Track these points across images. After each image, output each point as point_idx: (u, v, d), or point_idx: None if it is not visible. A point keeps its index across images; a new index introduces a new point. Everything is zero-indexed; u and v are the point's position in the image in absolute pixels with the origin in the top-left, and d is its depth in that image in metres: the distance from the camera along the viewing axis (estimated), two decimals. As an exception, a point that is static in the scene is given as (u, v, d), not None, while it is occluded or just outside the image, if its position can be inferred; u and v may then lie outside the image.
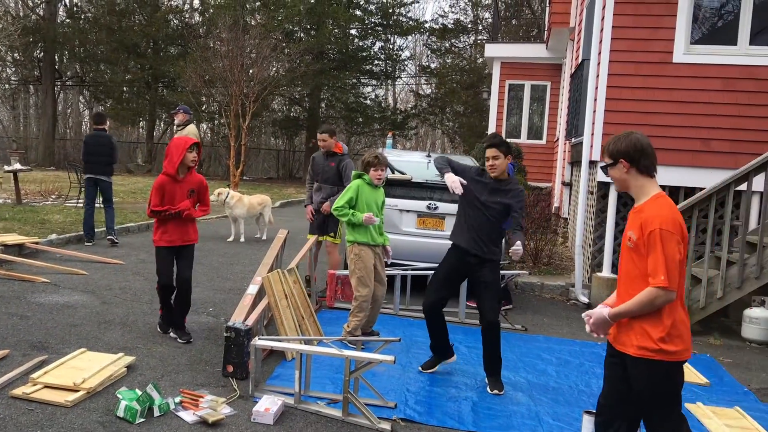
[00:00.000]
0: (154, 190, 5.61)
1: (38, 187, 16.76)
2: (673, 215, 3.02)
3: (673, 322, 3.02)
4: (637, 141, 3.17)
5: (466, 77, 31.07)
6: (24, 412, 4.11)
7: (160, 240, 5.68)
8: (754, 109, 8.01)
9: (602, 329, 3.17)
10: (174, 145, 5.62)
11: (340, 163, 7.61)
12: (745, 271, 7.08)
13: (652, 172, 3.18)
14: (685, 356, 3.05)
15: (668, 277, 2.94)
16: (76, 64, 34.24)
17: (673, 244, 2.96)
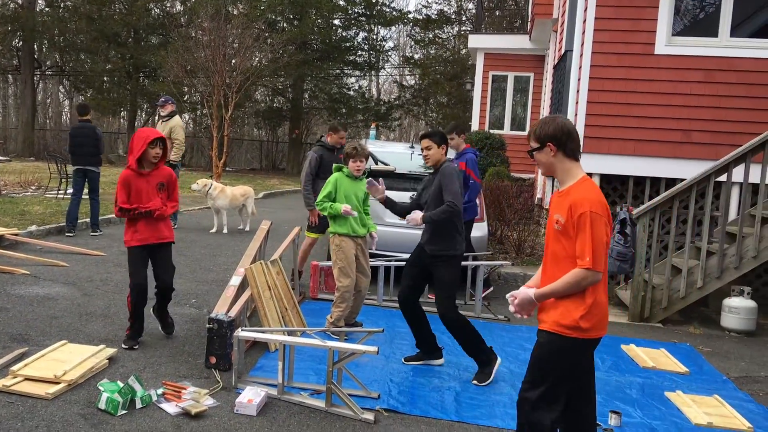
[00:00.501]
0: (119, 186, 5.18)
1: (17, 177, 16.56)
2: (600, 198, 3.07)
3: (594, 301, 3.05)
4: (563, 125, 3.18)
5: (450, 68, 31.07)
6: (4, 405, 4.08)
7: (131, 240, 5.26)
8: (734, 100, 8.08)
9: (527, 310, 3.21)
10: (137, 137, 5.22)
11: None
12: (725, 262, 7.16)
13: (577, 156, 3.20)
14: (594, 335, 3.09)
15: (595, 258, 2.99)
16: (56, 54, 33.81)
17: (601, 227, 3.01)
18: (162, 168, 5.37)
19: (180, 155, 11.11)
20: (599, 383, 5.26)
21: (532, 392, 3.14)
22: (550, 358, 3.12)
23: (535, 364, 3.17)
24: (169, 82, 23.32)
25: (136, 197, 5.20)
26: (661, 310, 7.35)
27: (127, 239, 5.28)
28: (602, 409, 4.71)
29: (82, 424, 3.90)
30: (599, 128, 8.39)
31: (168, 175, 5.40)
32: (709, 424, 4.53)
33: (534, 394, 3.13)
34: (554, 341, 3.10)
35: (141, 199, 5.20)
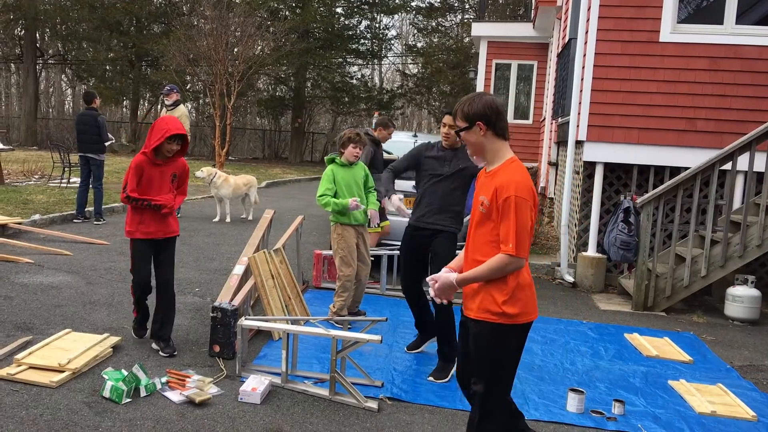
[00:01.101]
0: (131, 171, 4.79)
1: (21, 167, 16.57)
2: (527, 181, 2.97)
3: (517, 284, 2.98)
4: (492, 102, 3.05)
5: (453, 57, 30.94)
6: (9, 393, 4.09)
7: (136, 231, 4.86)
8: (739, 88, 8.03)
9: (447, 294, 3.13)
10: (158, 127, 4.83)
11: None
12: (729, 250, 7.15)
13: (506, 135, 3.09)
14: (523, 319, 3.01)
15: (518, 244, 2.90)
16: (58, 42, 33.76)
17: (526, 212, 2.92)
18: (178, 159, 5.02)
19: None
20: (602, 372, 5.27)
21: (480, 384, 3.08)
22: (487, 347, 3.04)
23: (476, 357, 3.09)
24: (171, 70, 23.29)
25: (147, 186, 4.84)
26: (665, 299, 7.34)
27: (131, 230, 4.89)
28: (606, 397, 4.72)
29: (87, 412, 3.91)
30: (603, 117, 8.34)
31: (182, 166, 5.06)
32: (712, 413, 4.53)
33: (481, 386, 3.07)
34: (484, 329, 3.03)
35: (152, 188, 4.83)
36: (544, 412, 4.41)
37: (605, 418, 4.36)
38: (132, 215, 4.90)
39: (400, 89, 33.81)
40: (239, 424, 3.92)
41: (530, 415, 4.35)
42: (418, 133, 9.65)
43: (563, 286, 8.27)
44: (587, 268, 8.28)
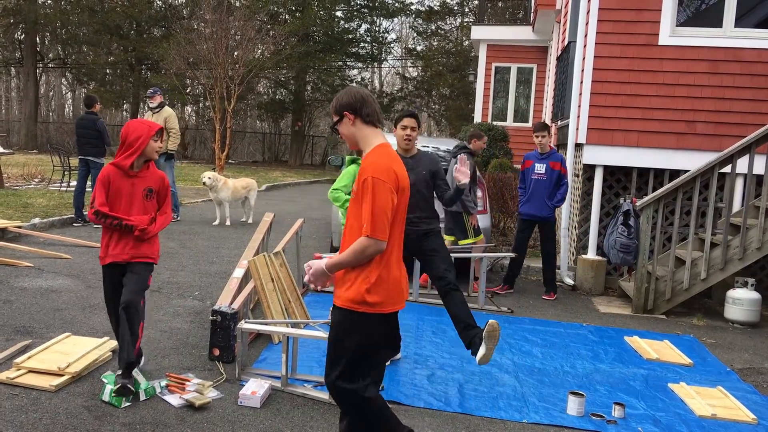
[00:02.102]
0: (98, 184, 4.24)
1: (21, 170, 16.57)
2: (388, 164, 2.96)
3: (380, 274, 2.99)
4: (357, 92, 3.14)
5: (453, 60, 31.00)
6: (8, 397, 4.09)
7: (106, 256, 4.29)
8: (738, 91, 8.04)
9: (320, 281, 3.13)
10: (135, 129, 4.26)
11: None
12: (729, 253, 7.15)
13: (375, 122, 3.12)
14: (385, 309, 3.02)
15: (374, 226, 2.89)
16: (58, 46, 33.80)
17: (384, 194, 2.90)
18: (153, 170, 4.43)
19: (176, 145, 11.24)
20: (603, 375, 5.26)
21: (333, 373, 3.07)
22: (343, 335, 3.04)
23: (330, 344, 3.10)
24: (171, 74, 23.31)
25: (115, 200, 4.26)
26: (665, 302, 7.33)
27: (102, 255, 4.33)
28: (606, 400, 4.71)
29: (86, 416, 3.91)
30: (603, 119, 8.35)
31: (160, 179, 4.46)
32: (713, 416, 4.52)
33: (334, 374, 3.07)
34: (345, 318, 3.02)
35: (120, 203, 4.25)
36: (545, 415, 4.41)
37: (605, 421, 4.36)
38: (102, 238, 4.33)
39: (400, 92, 33.83)
40: (239, 427, 3.92)
41: (530, 418, 4.35)
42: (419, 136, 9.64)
43: (563, 289, 8.26)
44: (587, 270, 8.28)
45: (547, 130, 7.68)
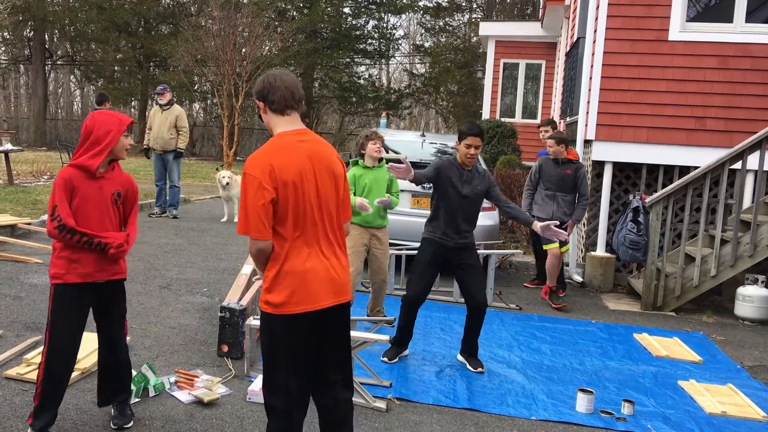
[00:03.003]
0: (57, 190, 3.43)
1: (30, 167, 16.64)
2: (266, 157, 2.82)
3: (276, 273, 2.85)
4: (267, 77, 2.99)
5: (461, 56, 30.90)
6: (18, 393, 4.11)
7: (67, 273, 3.45)
8: (748, 87, 7.98)
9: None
10: (101, 122, 3.50)
11: (577, 171, 7.22)
12: (739, 250, 7.10)
13: (282, 110, 2.95)
14: (289, 309, 2.84)
15: (242, 222, 2.81)
16: (67, 43, 33.90)
17: (253, 189, 2.78)
18: (119, 170, 3.67)
19: (186, 143, 11.23)
20: (612, 372, 5.25)
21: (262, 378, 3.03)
22: (262, 338, 2.99)
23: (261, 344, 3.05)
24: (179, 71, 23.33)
25: (81, 209, 3.46)
26: (674, 299, 7.30)
27: (59, 272, 3.46)
28: (615, 398, 4.70)
29: (96, 411, 3.92)
30: (612, 116, 8.31)
31: (127, 183, 3.68)
32: (723, 413, 4.50)
33: (263, 379, 3.03)
34: (262, 320, 2.95)
35: (88, 212, 3.46)
36: (553, 412, 4.39)
37: (614, 418, 4.34)
38: (60, 251, 3.47)
39: (408, 89, 33.74)
40: (247, 423, 3.92)
41: (539, 415, 4.34)
42: (426, 132, 9.64)
43: (572, 286, 8.23)
44: (596, 267, 8.25)
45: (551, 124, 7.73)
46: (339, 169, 3.00)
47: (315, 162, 2.90)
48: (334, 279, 2.94)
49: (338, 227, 3.02)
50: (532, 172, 7.45)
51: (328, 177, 2.93)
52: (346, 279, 3.02)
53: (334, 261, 2.96)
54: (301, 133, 2.96)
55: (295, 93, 2.96)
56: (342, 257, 3.02)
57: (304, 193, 2.84)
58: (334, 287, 2.94)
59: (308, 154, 2.89)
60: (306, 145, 2.92)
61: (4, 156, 13.62)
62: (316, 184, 2.88)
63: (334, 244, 2.98)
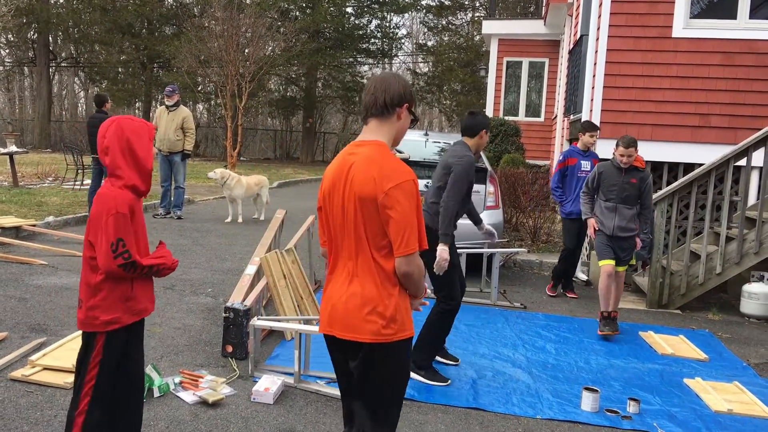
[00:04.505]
0: (123, 221, 2.89)
1: (35, 169, 16.68)
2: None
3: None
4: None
5: (464, 55, 30.88)
6: (23, 394, 4.11)
7: (123, 315, 2.97)
8: (753, 83, 7.95)
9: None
10: (138, 133, 3.04)
11: (643, 181, 6.15)
12: (744, 247, 7.07)
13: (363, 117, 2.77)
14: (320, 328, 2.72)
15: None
16: (71, 45, 33.99)
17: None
18: None
19: (192, 144, 11.24)
20: (617, 370, 5.23)
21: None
22: None
23: None
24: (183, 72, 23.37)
25: (139, 237, 3.04)
26: (680, 297, 7.27)
27: (116, 316, 2.94)
28: (621, 396, 4.68)
29: (101, 413, 3.92)
30: (616, 113, 8.29)
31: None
32: (729, 411, 4.48)
33: None
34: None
35: (138, 236, 3.02)
36: (559, 411, 4.38)
37: (620, 416, 4.33)
38: (110, 291, 2.93)
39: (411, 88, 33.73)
40: (252, 424, 3.92)
41: (544, 414, 4.32)
42: (429, 131, 9.62)
43: (577, 285, 8.21)
44: (601, 265, 8.22)
45: (598, 129, 7.37)
46: (368, 193, 2.52)
47: (349, 177, 2.60)
48: (336, 308, 2.62)
49: (361, 254, 2.59)
50: (589, 179, 6.44)
51: (353, 200, 2.57)
52: (345, 311, 2.59)
53: (342, 290, 2.62)
54: (358, 144, 2.68)
55: (378, 99, 2.68)
56: (352, 287, 2.60)
57: (332, 207, 2.67)
58: (331, 318, 2.64)
59: (348, 166, 2.61)
60: (352, 157, 2.63)
61: (8, 158, 13.65)
62: (342, 201, 2.61)
63: (351, 271, 2.61)
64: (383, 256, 2.57)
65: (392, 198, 2.49)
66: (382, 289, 2.55)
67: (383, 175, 2.51)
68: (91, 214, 2.94)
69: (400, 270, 2.54)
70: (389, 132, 2.71)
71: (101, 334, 2.94)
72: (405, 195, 2.51)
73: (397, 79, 2.74)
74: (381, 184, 2.51)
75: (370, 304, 2.55)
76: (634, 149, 6.00)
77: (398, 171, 2.53)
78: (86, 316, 2.92)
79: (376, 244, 2.56)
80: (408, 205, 2.51)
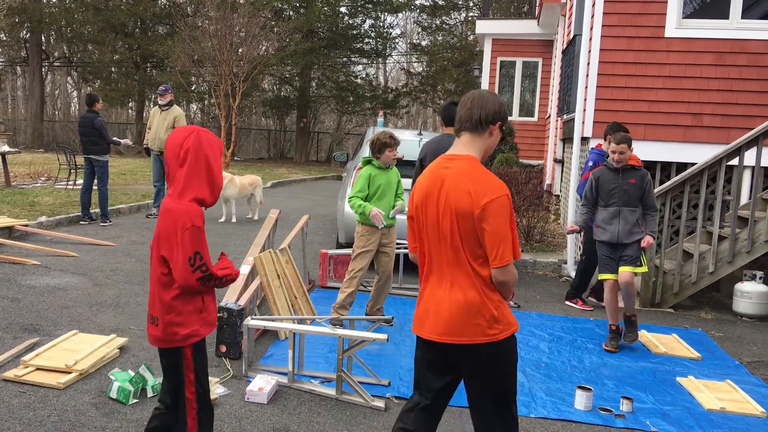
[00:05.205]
0: (199, 234, 2.90)
1: (27, 169, 16.62)
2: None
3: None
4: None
5: (458, 55, 30.92)
6: (16, 395, 4.10)
7: (201, 327, 2.99)
8: (745, 83, 7.99)
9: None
10: (210, 143, 2.95)
11: (643, 180, 5.81)
12: (737, 246, 7.11)
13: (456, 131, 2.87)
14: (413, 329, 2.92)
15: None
16: (63, 45, 33.84)
17: None
18: None
19: None
20: (610, 369, 5.25)
21: None
22: None
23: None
24: (176, 72, 23.32)
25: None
26: (673, 296, 7.30)
27: (194, 329, 2.95)
28: (614, 395, 4.70)
29: (94, 413, 3.92)
30: (609, 113, 8.31)
31: None
32: (721, 410, 4.50)
33: None
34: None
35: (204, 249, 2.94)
36: (552, 409, 4.39)
37: (613, 415, 4.34)
38: (184, 304, 2.92)
39: (405, 88, 33.74)
40: (246, 423, 3.92)
41: (538, 412, 4.33)
42: (423, 131, 9.63)
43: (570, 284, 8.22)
44: (594, 265, 8.24)
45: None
46: (464, 208, 2.66)
47: (443, 191, 2.73)
48: (439, 315, 2.76)
49: (459, 263, 2.73)
50: (587, 190, 6.01)
51: (449, 213, 2.70)
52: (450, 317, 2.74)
53: (444, 296, 2.77)
54: (451, 158, 2.80)
55: (474, 114, 2.78)
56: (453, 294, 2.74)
57: (426, 218, 2.81)
58: (434, 323, 2.78)
59: (441, 180, 2.75)
60: (445, 171, 2.76)
61: (1, 158, 13.59)
62: (437, 214, 2.75)
63: (450, 279, 2.76)
64: (480, 264, 2.72)
65: (487, 213, 2.63)
66: (483, 294, 2.71)
67: (478, 191, 2.65)
68: (161, 230, 2.90)
69: (497, 280, 2.70)
70: (481, 147, 2.83)
71: (188, 347, 2.96)
72: (500, 210, 2.64)
73: (493, 97, 2.85)
74: (476, 200, 2.64)
75: (474, 308, 2.71)
76: (626, 145, 5.71)
77: (493, 186, 2.67)
78: (165, 332, 2.92)
79: (473, 254, 2.71)
80: (502, 220, 2.65)
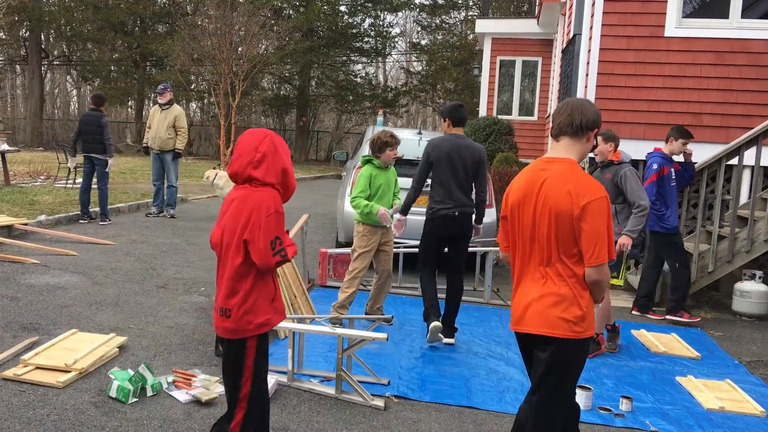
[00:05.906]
0: (280, 219, 2.98)
1: (27, 167, 16.61)
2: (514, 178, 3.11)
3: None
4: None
5: (457, 54, 30.91)
6: (16, 394, 4.10)
7: (274, 315, 3.06)
8: (745, 82, 7.99)
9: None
10: (282, 148, 3.04)
11: (616, 174, 5.71)
12: (736, 245, 7.11)
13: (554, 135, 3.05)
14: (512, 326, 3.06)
15: None
16: (63, 43, 33.84)
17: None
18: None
19: (184, 144, 11.18)
20: (610, 368, 5.25)
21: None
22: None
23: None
24: (176, 70, 23.29)
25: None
26: (672, 295, 7.29)
27: (267, 318, 3.02)
28: (613, 394, 4.70)
29: (93, 412, 3.92)
30: (609, 112, 8.30)
31: None
32: (721, 409, 4.50)
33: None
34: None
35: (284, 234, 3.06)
36: (552, 409, 4.39)
37: (613, 414, 4.35)
38: (259, 294, 2.98)
39: (405, 87, 33.75)
40: (246, 423, 3.91)
41: (537, 412, 4.33)
42: (423, 130, 9.63)
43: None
44: (593, 264, 8.23)
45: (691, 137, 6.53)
46: (563, 208, 2.80)
47: (542, 192, 2.87)
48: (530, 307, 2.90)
49: (554, 260, 2.86)
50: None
51: (547, 213, 2.83)
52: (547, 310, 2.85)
53: (536, 291, 2.90)
54: (549, 161, 2.96)
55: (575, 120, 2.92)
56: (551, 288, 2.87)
57: (522, 217, 2.94)
58: (525, 315, 2.93)
59: (540, 182, 2.89)
60: (543, 173, 2.91)
61: (0, 156, 13.58)
62: (534, 213, 2.88)
63: (543, 275, 2.90)
64: (574, 262, 2.84)
65: (587, 212, 2.77)
66: (575, 291, 2.84)
67: (578, 192, 2.78)
68: (238, 215, 2.95)
69: (590, 278, 2.84)
70: (579, 151, 2.97)
71: (253, 338, 2.99)
72: (599, 210, 2.77)
73: (592, 106, 2.99)
74: (576, 200, 2.78)
75: (564, 303, 2.83)
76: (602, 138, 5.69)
77: (593, 188, 2.80)
78: (239, 323, 2.95)
79: (567, 252, 2.84)
80: (600, 220, 2.77)
